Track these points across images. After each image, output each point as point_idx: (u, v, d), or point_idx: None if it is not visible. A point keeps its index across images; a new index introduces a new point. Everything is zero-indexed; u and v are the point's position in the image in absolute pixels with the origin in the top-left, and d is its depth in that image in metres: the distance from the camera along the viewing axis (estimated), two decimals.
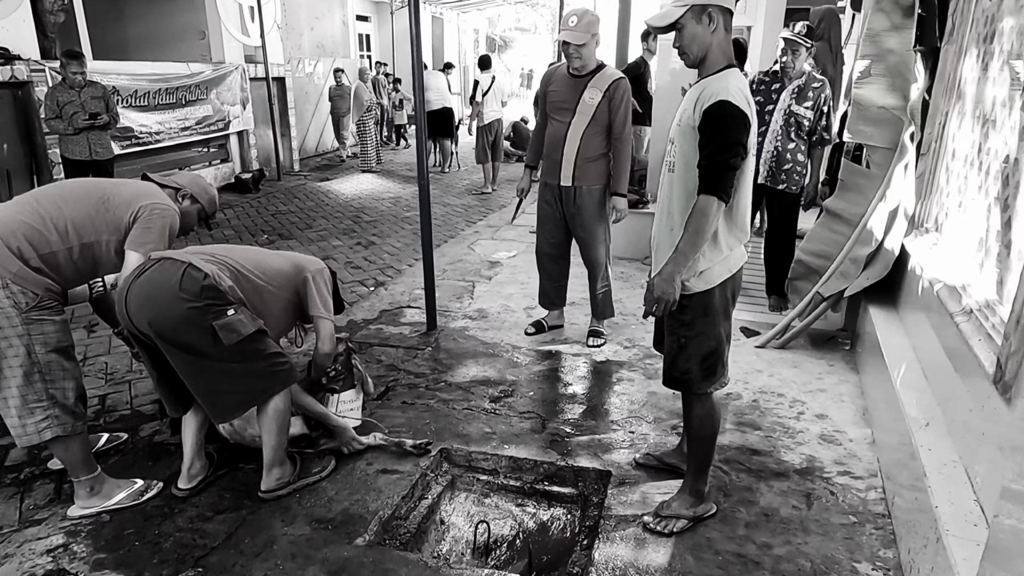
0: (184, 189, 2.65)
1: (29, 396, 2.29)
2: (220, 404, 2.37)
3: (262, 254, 2.59)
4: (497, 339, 4.01)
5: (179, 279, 2.21)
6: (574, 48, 3.38)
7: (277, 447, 2.49)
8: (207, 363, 2.27)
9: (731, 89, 1.99)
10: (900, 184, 3.36)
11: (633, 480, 2.60)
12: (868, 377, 3.26)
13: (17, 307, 2.22)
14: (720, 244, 2.12)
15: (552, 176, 3.70)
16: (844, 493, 2.50)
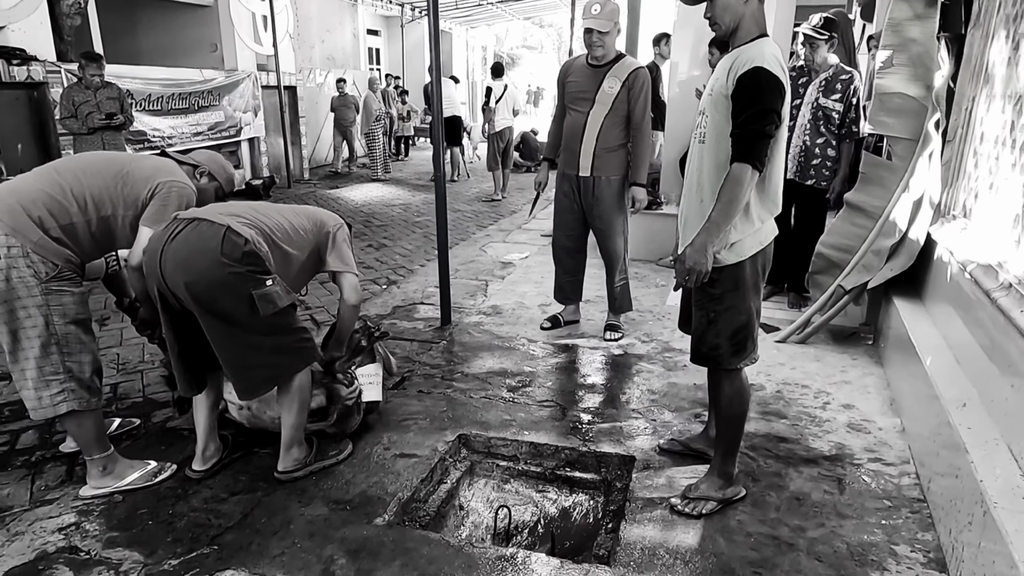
0: (202, 167, 2.62)
1: (46, 368, 2.24)
2: (248, 379, 2.31)
3: (283, 213, 2.51)
4: (512, 333, 3.96)
5: (220, 243, 2.15)
6: (597, 36, 3.36)
7: (296, 426, 2.43)
8: (239, 333, 2.23)
9: (766, 55, 1.95)
10: (924, 174, 3.32)
11: (658, 465, 2.53)
12: (894, 369, 3.18)
13: (37, 276, 2.18)
14: (752, 216, 2.07)
15: (571, 167, 3.67)
16: (877, 479, 2.43)
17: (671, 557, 2.02)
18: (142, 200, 2.35)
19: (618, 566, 1.99)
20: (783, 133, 2.05)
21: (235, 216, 2.27)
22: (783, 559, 2.01)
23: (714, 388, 2.28)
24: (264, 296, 2.19)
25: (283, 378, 2.36)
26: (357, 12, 14.30)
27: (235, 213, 2.31)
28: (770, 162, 2.02)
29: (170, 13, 9.85)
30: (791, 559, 2.01)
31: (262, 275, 2.21)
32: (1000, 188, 2.49)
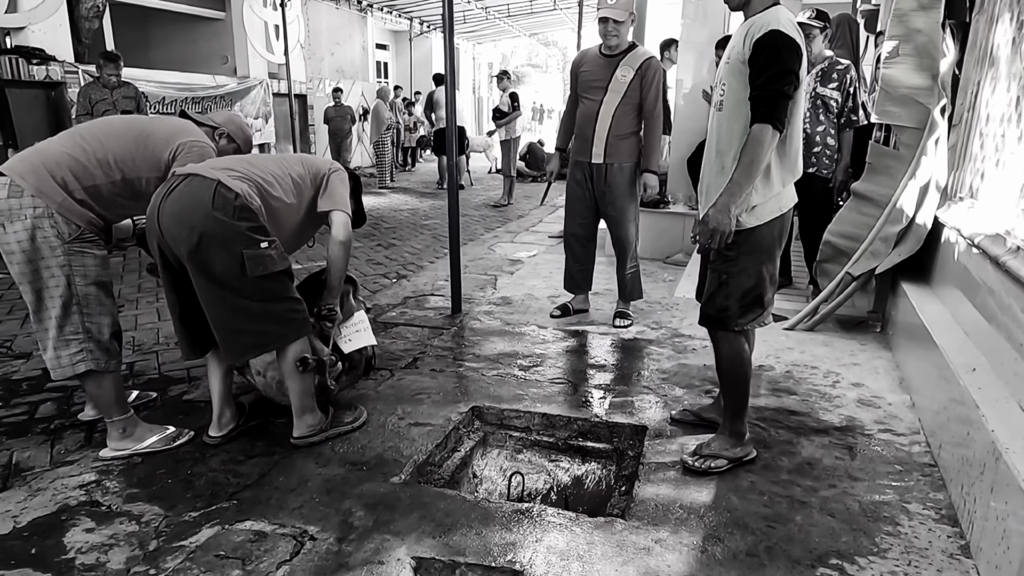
0: (221, 128, 2.66)
1: (66, 327, 2.29)
2: (234, 342, 2.31)
3: (280, 164, 2.48)
4: (523, 320, 4.00)
5: (211, 197, 2.16)
6: (612, 25, 3.44)
7: (303, 393, 2.45)
8: (228, 295, 2.23)
9: (782, 20, 2.02)
10: (931, 160, 3.36)
11: (670, 434, 2.55)
12: (903, 353, 3.21)
13: (60, 237, 2.23)
14: (772, 180, 2.12)
15: (583, 154, 3.73)
16: (887, 447, 2.45)
17: (684, 512, 2.05)
18: (165, 161, 2.39)
19: (632, 519, 2.01)
20: (801, 98, 2.10)
21: (227, 170, 2.27)
22: (795, 514, 2.03)
23: (717, 351, 2.31)
24: (255, 257, 2.19)
25: (270, 346, 2.36)
26: (366, 25, 14.53)
27: (228, 167, 2.30)
28: (789, 124, 2.08)
29: (183, 26, 10.05)
30: (804, 514, 2.03)
31: (256, 235, 2.21)
32: (1006, 163, 2.54)
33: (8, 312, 4.27)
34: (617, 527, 1.97)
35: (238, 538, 1.93)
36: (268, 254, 2.23)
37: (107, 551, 1.89)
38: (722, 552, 1.86)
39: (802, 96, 2.10)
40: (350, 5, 13.33)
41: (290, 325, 2.34)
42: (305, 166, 2.52)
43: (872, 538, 1.92)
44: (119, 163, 2.34)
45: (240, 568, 1.80)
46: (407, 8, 15.04)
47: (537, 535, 1.93)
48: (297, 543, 1.91)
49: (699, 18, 5.95)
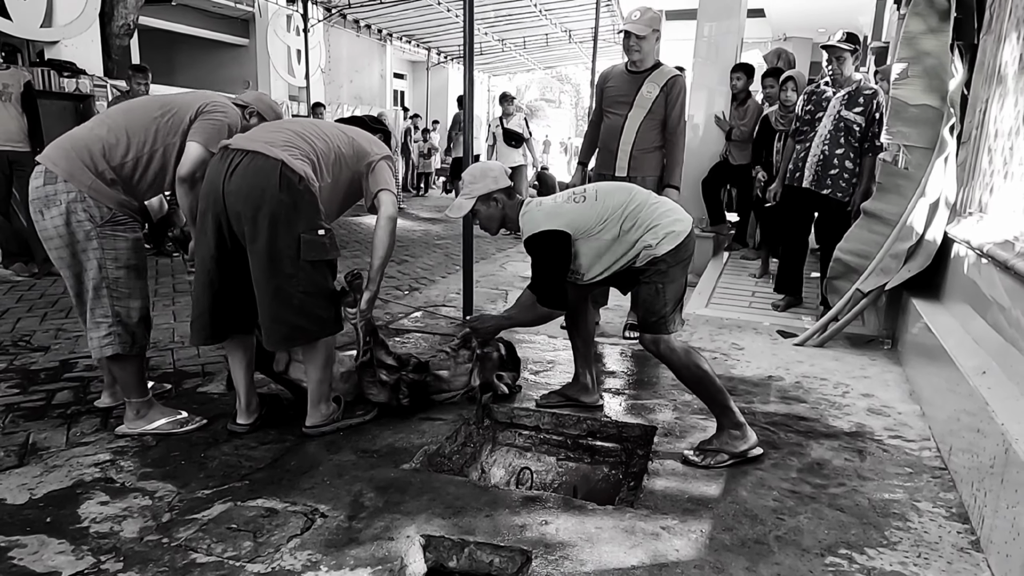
0: (251, 107, 2.68)
1: (97, 310, 2.35)
2: (273, 330, 2.33)
3: (326, 139, 2.43)
4: (533, 330, 4.02)
5: (277, 179, 2.18)
6: (635, 40, 3.49)
7: (322, 381, 2.48)
8: (279, 280, 2.24)
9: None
10: (940, 177, 3.41)
11: (680, 434, 2.56)
12: (913, 367, 3.21)
13: (92, 220, 2.30)
14: (659, 227, 2.36)
15: (607, 167, 3.77)
16: (897, 451, 2.45)
17: (693, 503, 2.05)
18: (187, 121, 2.39)
19: (641, 508, 2.02)
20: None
21: (287, 147, 2.27)
22: (804, 508, 2.03)
23: (671, 365, 2.40)
24: (311, 242, 2.25)
25: (298, 341, 2.40)
26: (385, 54, 14.87)
27: (286, 143, 2.29)
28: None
29: (208, 51, 10.35)
30: (813, 509, 2.03)
31: (317, 218, 2.27)
32: (1015, 174, 2.58)
33: (28, 310, 4.35)
34: (626, 514, 1.98)
35: (250, 513, 1.95)
36: (323, 241, 2.29)
37: (121, 521, 1.91)
38: (731, 539, 1.86)
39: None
40: (370, 33, 13.67)
41: (321, 323, 2.38)
42: (354, 148, 2.48)
43: (882, 531, 1.92)
44: (144, 135, 2.36)
45: (251, 540, 1.82)
46: (425, 38, 15.40)
47: (546, 519, 1.94)
48: (308, 519, 1.93)
49: (711, 57, 6.11)
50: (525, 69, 20.91)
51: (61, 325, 4.04)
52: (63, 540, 1.82)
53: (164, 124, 2.40)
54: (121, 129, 2.35)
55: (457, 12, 11.87)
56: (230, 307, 2.38)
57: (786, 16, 11.35)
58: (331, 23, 11.71)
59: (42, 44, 6.44)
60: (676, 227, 2.39)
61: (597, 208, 2.39)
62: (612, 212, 2.38)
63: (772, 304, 4.51)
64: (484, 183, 2.49)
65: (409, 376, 2.70)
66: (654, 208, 2.41)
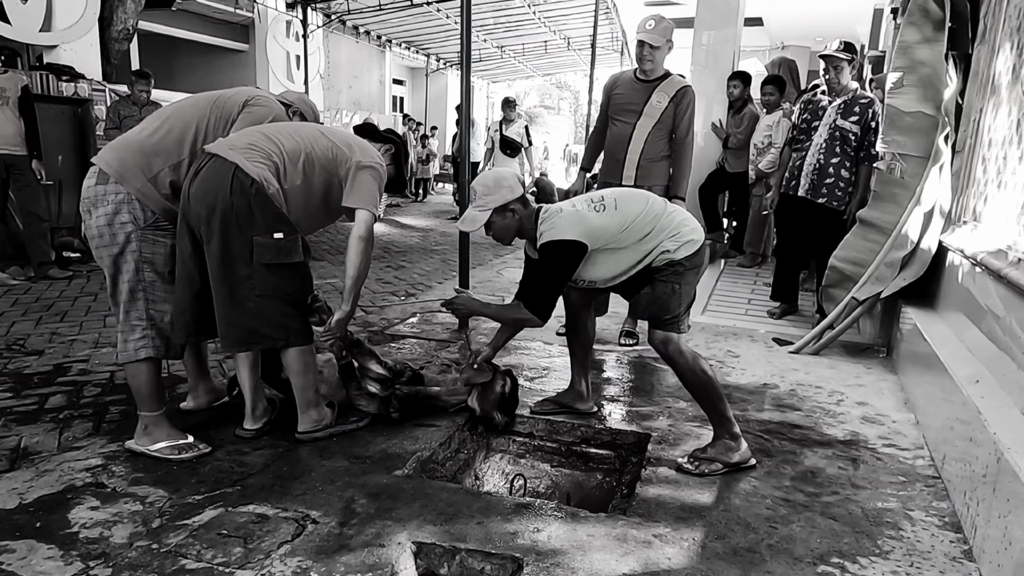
0: (294, 106, 2.69)
1: (132, 313, 2.33)
2: (225, 332, 2.33)
3: (302, 138, 2.37)
4: (528, 336, 4.02)
5: (229, 181, 2.18)
6: (649, 49, 3.48)
7: (304, 387, 2.45)
8: (232, 282, 2.25)
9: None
10: (935, 186, 3.42)
11: (674, 442, 2.56)
12: (908, 376, 3.22)
13: (135, 223, 2.29)
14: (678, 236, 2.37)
15: (613, 175, 3.73)
16: (891, 460, 2.44)
17: (686, 511, 2.04)
18: (234, 114, 2.41)
19: (634, 515, 2.01)
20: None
21: (250, 148, 2.25)
22: (797, 516, 2.03)
23: (677, 369, 2.38)
24: (264, 244, 2.22)
25: (255, 345, 2.36)
26: (385, 60, 14.93)
27: (249, 146, 2.26)
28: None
29: (208, 56, 10.37)
30: (805, 517, 2.03)
31: (272, 222, 2.23)
32: (1008, 183, 2.59)
33: (23, 314, 4.34)
34: (618, 522, 1.97)
35: (241, 519, 1.94)
36: (280, 244, 2.25)
37: (111, 527, 1.90)
38: (723, 547, 1.86)
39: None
40: (370, 40, 13.72)
41: (284, 330, 2.34)
42: (333, 152, 2.39)
43: (875, 540, 1.91)
44: (196, 130, 2.36)
45: (242, 546, 1.81)
46: (424, 45, 15.46)
47: (538, 526, 1.93)
48: (299, 525, 1.92)
49: (708, 65, 6.14)
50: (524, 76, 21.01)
51: (56, 329, 4.03)
52: (52, 545, 1.81)
53: (215, 117, 2.40)
54: (176, 128, 2.34)
55: (456, 19, 11.91)
56: (210, 307, 2.36)
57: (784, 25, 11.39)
58: (330, 29, 11.76)
59: (41, 48, 6.44)
60: (694, 235, 2.39)
61: (617, 218, 2.35)
62: (631, 222, 2.34)
63: (768, 312, 4.52)
64: (499, 194, 2.40)
65: (402, 390, 2.68)
66: (671, 217, 2.40)
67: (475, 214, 2.43)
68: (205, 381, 2.78)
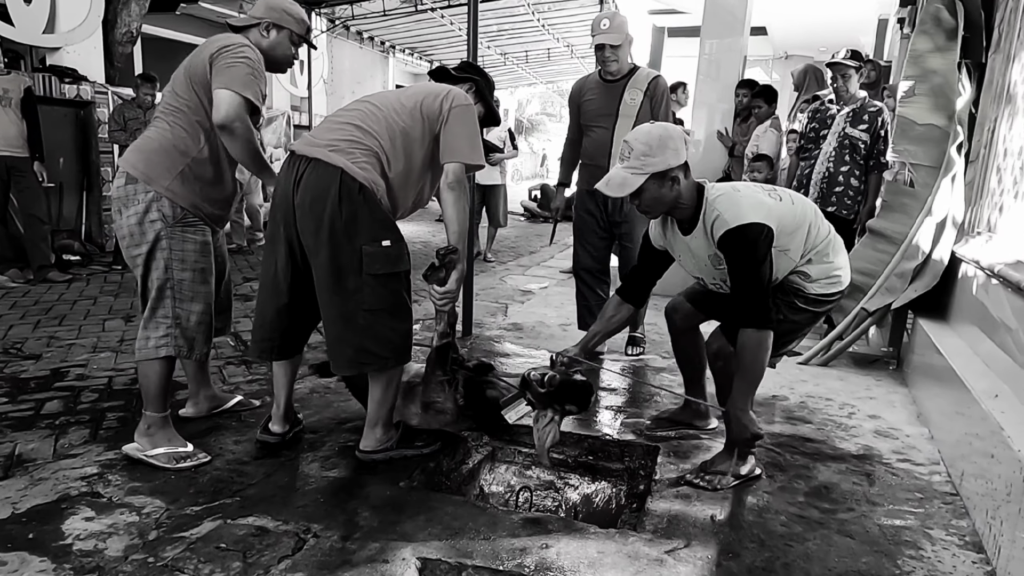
0: (263, 21, 2.35)
1: (158, 311, 2.29)
2: (337, 352, 2.19)
3: (390, 118, 2.16)
4: (533, 344, 3.97)
5: (337, 189, 2.03)
6: (610, 50, 3.35)
7: (382, 402, 2.29)
8: (342, 297, 2.10)
9: (743, 205, 2.08)
10: (947, 196, 3.38)
11: (684, 454, 2.50)
12: (920, 388, 3.16)
13: (164, 220, 2.24)
14: (830, 266, 2.20)
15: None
16: (906, 475, 2.39)
17: (698, 527, 1.99)
18: (207, 82, 2.19)
19: (644, 532, 1.95)
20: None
21: (351, 147, 2.08)
22: (813, 534, 1.97)
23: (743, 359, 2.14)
24: (374, 254, 2.07)
25: (367, 367, 2.20)
26: (388, 66, 14.91)
27: (350, 142, 2.09)
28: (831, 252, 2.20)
29: None
30: (821, 535, 1.97)
31: (380, 229, 2.09)
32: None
33: (21, 317, 4.29)
34: (629, 538, 1.91)
35: (240, 532, 1.89)
36: (388, 252, 2.10)
37: (106, 539, 1.84)
38: (737, 567, 1.80)
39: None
40: (373, 45, 13.72)
41: (390, 347, 2.19)
42: (422, 113, 2.18)
43: (894, 560, 1.85)
44: (192, 113, 2.24)
45: (240, 560, 1.76)
46: (428, 51, 15.44)
47: (546, 542, 1.87)
48: (300, 539, 1.86)
49: (712, 74, 6.09)
50: (527, 83, 21.01)
51: (54, 333, 3.98)
52: (45, 558, 1.75)
53: (192, 87, 2.22)
54: (175, 114, 2.25)
55: (460, 25, 11.91)
56: (296, 324, 2.27)
57: (788, 34, 11.39)
58: (334, 35, 11.75)
59: (44, 50, 6.41)
60: (842, 275, 2.16)
61: (793, 213, 2.04)
62: (803, 222, 2.05)
63: None
64: (663, 157, 2.00)
65: (469, 374, 2.51)
66: (831, 243, 2.16)
67: (626, 176, 2.05)
68: (206, 388, 2.73)
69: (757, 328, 2.02)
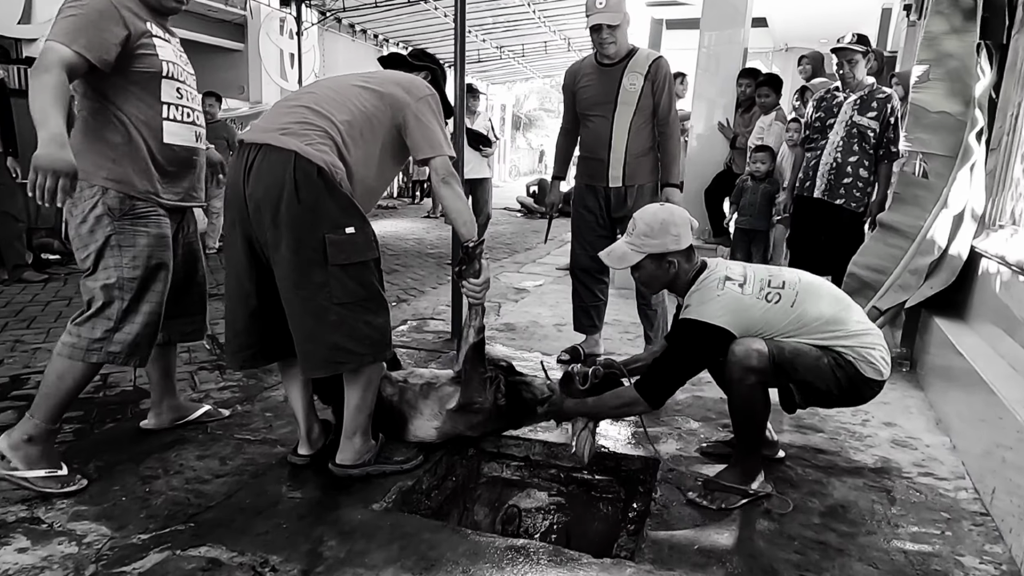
0: None
1: (103, 312, 2.05)
2: (308, 353, 1.98)
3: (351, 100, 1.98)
4: (526, 347, 3.77)
5: (291, 174, 1.83)
6: (607, 31, 3.04)
7: (360, 407, 2.09)
8: (308, 292, 1.91)
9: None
10: (965, 187, 3.17)
11: (685, 468, 2.29)
12: (938, 392, 2.96)
13: (111, 214, 2.03)
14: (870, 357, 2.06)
15: (597, 178, 3.32)
16: (930, 492, 2.18)
17: (703, 556, 1.78)
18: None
19: (644, 561, 1.75)
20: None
21: (303, 127, 1.89)
22: (831, 563, 1.76)
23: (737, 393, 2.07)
24: (338, 243, 1.88)
25: (343, 366, 2.00)
26: None
27: (303, 124, 1.90)
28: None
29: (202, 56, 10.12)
30: (840, 564, 1.76)
31: (342, 216, 1.89)
32: None
33: None
34: (625, 570, 1.71)
35: (189, 566, 1.68)
36: (354, 240, 1.91)
37: (38, 575, 1.64)
38: None
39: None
40: (366, 38, 13.49)
41: (367, 342, 1.99)
42: (384, 101, 2.01)
43: None
44: (90, 95, 2.01)
45: None
46: (423, 44, 15.21)
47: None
48: (256, 574, 1.65)
49: (711, 69, 5.90)
50: (523, 78, 20.78)
51: (20, 336, 3.78)
52: None
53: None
54: (87, 103, 2.03)
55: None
56: (272, 326, 2.04)
57: (788, 26, 11.17)
58: (326, 27, 11.52)
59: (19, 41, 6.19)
60: (883, 365, 2.06)
61: (788, 317, 1.99)
62: (803, 325, 2.00)
63: None
64: (662, 240, 2.07)
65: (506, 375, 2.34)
66: (861, 337, 2.04)
67: (626, 251, 2.13)
68: (170, 398, 2.52)
69: (643, 396, 2.04)
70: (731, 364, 1.98)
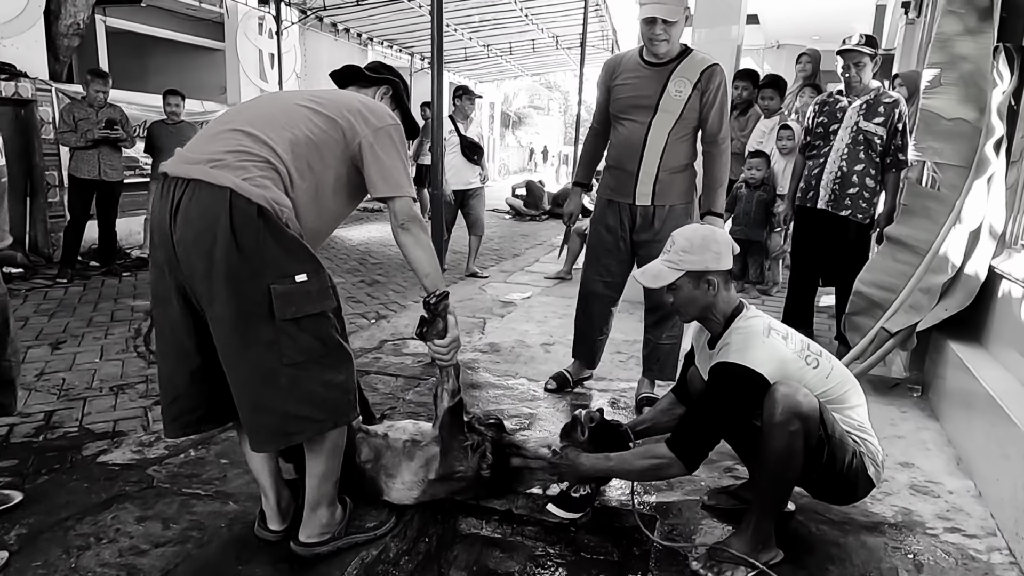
0: None
1: None
2: (255, 424, 1.69)
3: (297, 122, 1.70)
4: (511, 372, 3.52)
5: (227, 215, 1.54)
6: (662, 27, 2.61)
7: (326, 475, 1.82)
8: (252, 352, 1.62)
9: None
10: (982, 201, 2.94)
11: (687, 524, 2.06)
12: (957, 424, 2.73)
13: None
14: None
15: (623, 193, 2.91)
16: (960, 555, 1.95)
17: None
18: None
19: None
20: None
21: (239, 160, 1.60)
22: None
23: (775, 448, 1.77)
24: (286, 294, 1.59)
25: (297, 436, 1.71)
26: (367, 59, 14.37)
27: (239, 153, 1.61)
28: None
29: (181, 55, 9.81)
30: None
31: (289, 262, 1.61)
32: None
33: None
34: None
35: None
36: (306, 289, 1.63)
37: None
38: None
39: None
40: (349, 38, 13.17)
41: (327, 406, 1.71)
42: (336, 128, 1.73)
43: None
44: None
45: None
46: (408, 43, 14.92)
47: None
48: None
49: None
50: (512, 76, 20.50)
51: None
52: None
53: None
54: None
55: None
56: (222, 384, 1.71)
57: (780, 23, 10.98)
58: (307, 26, 11.20)
59: None
60: (881, 470, 1.93)
61: (825, 386, 1.82)
62: (833, 401, 1.84)
63: None
64: (702, 257, 1.91)
65: (494, 437, 2.11)
66: (874, 437, 1.94)
67: (662, 269, 1.96)
68: None
69: (678, 455, 1.81)
70: (774, 403, 1.72)
